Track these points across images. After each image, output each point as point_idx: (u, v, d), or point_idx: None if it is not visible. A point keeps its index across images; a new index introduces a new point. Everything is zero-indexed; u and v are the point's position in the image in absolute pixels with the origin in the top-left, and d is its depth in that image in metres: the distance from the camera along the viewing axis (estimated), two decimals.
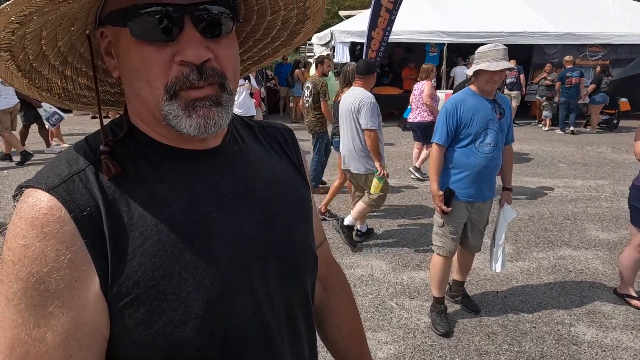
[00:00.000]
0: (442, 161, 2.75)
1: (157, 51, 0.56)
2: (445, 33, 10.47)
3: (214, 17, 0.57)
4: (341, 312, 0.92)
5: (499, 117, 2.72)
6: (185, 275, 0.58)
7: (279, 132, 0.82)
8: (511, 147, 2.91)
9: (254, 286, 0.64)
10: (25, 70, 0.59)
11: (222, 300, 0.60)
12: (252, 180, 0.69)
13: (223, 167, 0.67)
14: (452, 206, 2.71)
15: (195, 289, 0.58)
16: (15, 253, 0.52)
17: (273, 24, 0.72)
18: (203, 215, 0.61)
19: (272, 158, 0.76)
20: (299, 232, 0.72)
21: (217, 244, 0.61)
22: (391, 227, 4.49)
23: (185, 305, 0.57)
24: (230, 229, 0.63)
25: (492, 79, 2.61)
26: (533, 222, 4.66)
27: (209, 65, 0.57)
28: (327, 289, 0.90)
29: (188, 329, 0.57)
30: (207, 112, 0.58)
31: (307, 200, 0.78)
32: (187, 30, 0.56)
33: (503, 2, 12.12)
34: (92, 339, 0.54)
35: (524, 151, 8.04)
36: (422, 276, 3.47)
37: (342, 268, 0.96)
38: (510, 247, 4.00)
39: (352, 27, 10.83)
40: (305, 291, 0.72)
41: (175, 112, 0.57)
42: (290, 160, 0.79)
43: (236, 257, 0.62)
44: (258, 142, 0.77)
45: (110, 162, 0.59)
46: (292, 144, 0.82)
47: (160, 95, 0.57)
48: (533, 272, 3.58)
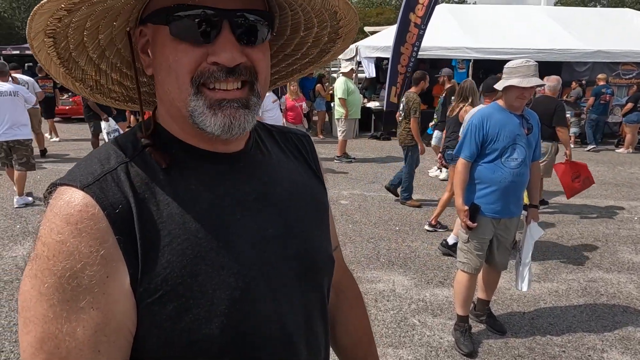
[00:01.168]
0: (467, 176, 2.71)
1: (192, 50, 0.58)
2: (471, 49, 10.40)
3: (251, 24, 0.59)
4: (352, 318, 0.93)
5: (527, 133, 2.67)
6: (212, 273, 0.59)
7: (297, 137, 0.84)
8: (539, 163, 2.85)
9: (274, 287, 0.64)
10: (64, 59, 0.62)
11: (244, 299, 0.61)
12: (273, 184, 0.70)
13: (245, 170, 0.68)
14: (478, 222, 2.66)
15: (220, 288, 0.59)
16: (50, 248, 0.53)
17: (305, 40, 0.73)
18: (225, 216, 0.63)
19: (291, 162, 0.77)
20: (316, 236, 0.73)
21: (239, 245, 0.62)
22: (414, 242, 4.43)
23: (211, 303, 0.58)
24: (251, 230, 0.64)
25: (522, 95, 2.57)
26: (562, 242, 4.51)
27: (242, 65, 0.59)
28: (339, 294, 0.91)
29: (213, 327, 0.58)
30: (234, 113, 0.60)
31: (324, 205, 0.79)
32: (224, 34, 0.58)
33: (531, 19, 12.02)
34: (120, 334, 0.55)
35: None
36: (445, 293, 3.40)
37: (363, 282, 0.96)
38: (538, 266, 3.87)
39: (377, 42, 10.89)
40: (322, 294, 0.74)
41: (200, 109, 0.59)
42: (309, 165, 0.81)
43: (257, 258, 0.63)
44: (278, 146, 0.78)
45: (159, 153, 0.61)
46: (310, 149, 0.84)
47: (187, 90, 0.59)
48: (562, 293, 3.45)
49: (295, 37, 0.73)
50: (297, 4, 0.65)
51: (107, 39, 0.63)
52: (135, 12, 0.62)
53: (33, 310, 0.53)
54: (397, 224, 4.97)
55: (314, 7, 0.65)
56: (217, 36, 0.58)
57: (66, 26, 0.56)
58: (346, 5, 0.64)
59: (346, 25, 0.69)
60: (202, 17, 0.56)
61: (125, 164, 0.61)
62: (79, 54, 0.62)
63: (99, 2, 0.54)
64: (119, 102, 0.74)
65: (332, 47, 0.75)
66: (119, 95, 0.74)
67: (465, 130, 2.75)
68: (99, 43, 0.63)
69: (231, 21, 0.58)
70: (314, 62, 0.78)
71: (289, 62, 0.79)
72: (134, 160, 0.62)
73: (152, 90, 0.74)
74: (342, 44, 0.74)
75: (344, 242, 4.41)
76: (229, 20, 0.58)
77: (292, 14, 0.69)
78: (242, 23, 0.58)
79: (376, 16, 30.70)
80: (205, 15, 0.56)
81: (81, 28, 0.58)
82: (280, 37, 0.73)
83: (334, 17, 0.67)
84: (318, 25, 0.70)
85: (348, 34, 0.72)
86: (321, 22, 0.69)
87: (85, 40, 0.61)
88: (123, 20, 0.61)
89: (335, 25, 0.70)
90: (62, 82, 0.65)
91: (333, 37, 0.73)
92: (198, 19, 0.56)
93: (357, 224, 4.95)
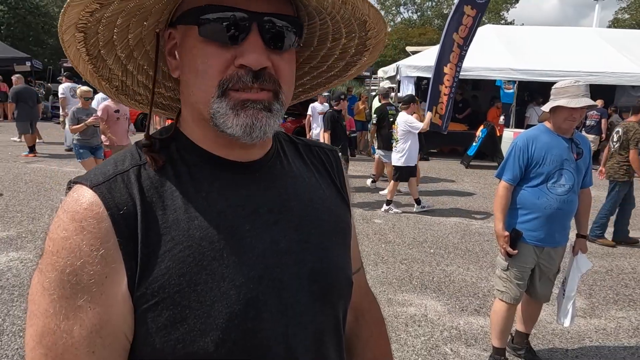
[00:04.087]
0: (509, 200, 2.59)
1: (220, 51, 0.58)
2: (516, 70, 10.14)
3: (279, 29, 0.59)
4: (371, 345, 0.87)
5: (576, 158, 2.52)
6: (211, 284, 0.57)
7: (324, 151, 0.81)
8: (589, 190, 2.68)
9: (282, 305, 0.61)
10: (93, 56, 0.62)
11: (246, 315, 0.58)
12: (289, 197, 0.68)
13: (262, 180, 0.66)
14: (519, 249, 2.52)
15: (220, 300, 0.57)
16: (55, 244, 0.54)
17: (331, 52, 0.72)
18: (236, 227, 0.61)
19: (313, 177, 0.75)
20: (334, 254, 0.69)
21: (247, 257, 0.60)
22: (449, 267, 4.27)
23: (208, 315, 0.56)
24: (263, 243, 0.62)
25: (571, 117, 2.44)
26: (611, 276, 4.21)
27: (267, 72, 0.59)
28: (358, 318, 0.86)
29: (207, 341, 0.56)
30: (256, 114, 0.58)
31: (346, 223, 0.76)
32: (252, 36, 0.57)
33: (581, 40, 11.58)
34: (116, 337, 0.55)
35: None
36: (480, 322, 3.23)
37: (394, 305, 0.90)
38: (584, 301, 3.62)
39: (418, 62, 10.83)
40: (336, 317, 0.69)
41: (223, 111, 0.58)
42: (333, 181, 0.78)
43: (267, 272, 0.61)
44: (301, 159, 0.76)
45: (154, 155, 0.61)
46: (336, 164, 0.81)
47: (212, 92, 0.58)
48: (610, 332, 3.20)
49: (322, 49, 0.72)
50: (326, 12, 0.63)
51: (136, 39, 0.63)
52: (166, 13, 0.62)
53: (37, 304, 0.54)
54: (432, 246, 4.82)
55: (344, 16, 0.63)
56: (245, 38, 0.57)
57: (97, 21, 0.57)
58: (376, 14, 0.62)
59: (375, 37, 0.68)
60: (231, 19, 0.56)
61: (139, 166, 0.61)
62: (108, 52, 0.63)
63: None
64: (142, 106, 0.75)
65: (359, 60, 0.73)
66: (144, 99, 0.74)
67: (509, 151, 2.64)
68: (128, 42, 0.63)
69: (260, 24, 0.57)
70: (339, 76, 0.77)
71: (314, 74, 0.77)
72: (148, 163, 0.61)
73: (176, 96, 0.74)
74: (369, 57, 0.72)
75: (375, 262, 4.31)
76: (257, 23, 0.57)
77: (320, 24, 0.68)
78: (271, 27, 0.58)
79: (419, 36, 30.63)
80: (235, 17, 0.56)
81: (112, 25, 0.59)
82: (307, 48, 0.72)
83: (363, 27, 0.65)
84: (346, 36, 0.68)
85: (376, 46, 0.70)
86: (349, 32, 0.67)
87: (114, 38, 0.61)
88: (153, 20, 0.62)
89: (364, 37, 0.68)
90: (89, 80, 0.66)
91: (360, 50, 0.71)
92: (227, 20, 0.56)
93: (391, 244, 4.83)
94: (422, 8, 39.04)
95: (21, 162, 8.51)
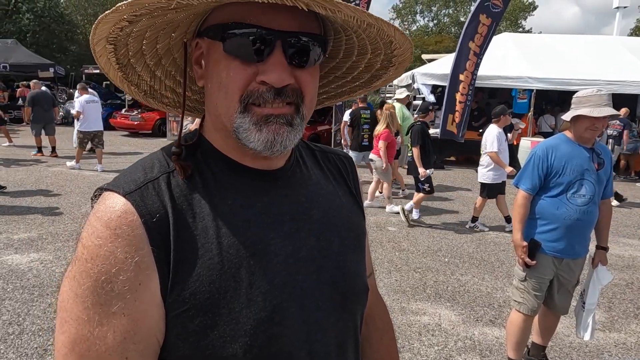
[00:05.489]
0: (527, 209, 2.55)
1: (243, 67, 0.59)
2: (534, 79, 10.01)
3: (303, 46, 0.59)
4: (381, 350, 0.89)
5: (597, 168, 2.48)
6: (240, 291, 0.58)
7: (340, 158, 0.83)
8: (609, 201, 2.63)
9: (306, 311, 0.62)
10: (122, 65, 0.64)
11: (272, 321, 0.59)
12: (310, 205, 0.69)
13: (283, 188, 0.67)
14: (537, 259, 2.48)
15: (248, 306, 0.58)
16: (89, 251, 0.55)
17: (357, 64, 0.73)
18: (260, 235, 0.62)
19: (330, 184, 0.76)
20: (352, 261, 0.71)
21: (272, 264, 0.61)
22: (464, 277, 4.21)
23: (237, 322, 0.57)
24: (285, 250, 0.63)
25: (593, 126, 2.41)
26: (632, 289, 4.10)
27: (290, 87, 0.59)
28: (369, 323, 0.87)
29: (237, 346, 0.57)
30: (278, 129, 0.60)
31: (362, 230, 0.77)
32: (276, 55, 0.58)
33: (601, 49, 11.39)
34: (148, 343, 0.56)
35: (624, 210, 7.26)
36: (495, 334, 3.17)
37: (407, 313, 0.91)
38: (603, 314, 3.54)
39: (434, 69, 10.78)
40: (355, 322, 0.70)
41: (246, 126, 0.59)
42: (349, 188, 0.79)
43: (290, 279, 0.62)
44: (319, 166, 0.77)
45: (182, 164, 0.62)
46: (352, 172, 0.82)
47: (235, 107, 0.59)
48: (631, 347, 3.11)
49: (347, 61, 0.73)
50: (352, 30, 0.64)
51: (164, 48, 0.65)
52: (194, 25, 0.63)
53: (69, 311, 0.55)
54: (446, 255, 4.77)
55: (369, 35, 0.64)
56: (268, 56, 0.58)
57: (127, 35, 0.59)
58: (402, 36, 0.63)
59: (401, 55, 0.68)
60: (256, 36, 0.57)
61: (168, 174, 0.62)
62: (137, 60, 0.65)
63: (160, 15, 0.56)
64: (169, 108, 0.77)
65: (384, 74, 0.74)
66: (170, 101, 0.76)
67: (528, 160, 2.61)
68: (157, 51, 0.65)
69: (284, 42, 0.58)
70: (363, 87, 0.78)
71: (339, 83, 0.78)
72: (176, 171, 0.62)
73: (202, 99, 0.76)
74: (395, 71, 0.73)
75: (389, 270, 4.29)
76: (281, 41, 0.58)
77: (346, 39, 0.68)
78: (295, 44, 0.59)
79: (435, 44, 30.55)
80: (259, 34, 0.57)
81: (141, 37, 0.61)
82: (333, 59, 0.73)
83: (389, 46, 0.66)
84: (372, 52, 0.69)
85: (402, 63, 0.71)
86: (375, 49, 0.68)
87: (144, 48, 0.63)
88: (181, 32, 0.63)
89: (390, 54, 0.69)
90: (119, 85, 0.68)
91: (386, 65, 0.72)
92: (252, 37, 0.57)
93: (404, 252, 4.80)
94: (438, 16, 38.96)
95: (43, 164, 8.72)
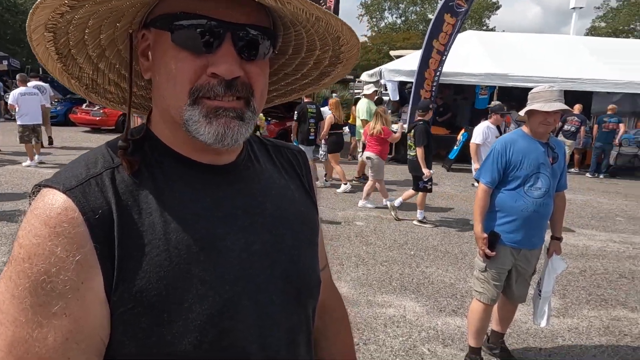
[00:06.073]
0: (487, 202, 2.64)
1: (192, 59, 0.58)
2: (496, 76, 10.33)
3: (253, 39, 0.59)
4: (337, 342, 0.90)
5: (552, 162, 2.59)
6: (189, 287, 0.57)
7: (293, 153, 0.83)
8: (563, 194, 2.75)
9: (258, 305, 0.62)
10: (62, 55, 0.61)
11: (223, 316, 0.58)
12: (263, 199, 0.69)
13: (235, 183, 0.67)
14: (497, 251, 2.57)
15: (198, 302, 0.57)
16: (26, 250, 0.52)
17: (306, 61, 0.74)
18: (211, 230, 0.61)
19: (283, 178, 0.76)
20: (306, 255, 0.71)
21: (224, 259, 0.60)
22: (428, 268, 4.32)
23: (186, 318, 0.56)
24: (238, 245, 0.62)
25: (545, 120, 2.51)
26: (584, 277, 4.32)
27: (239, 81, 0.59)
28: (325, 315, 0.88)
29: (186, 342, 0.56)
30: (228, 123, 0.59)
31: (314, 223, 0.78)
32: (225, 46, 0.58)
33: (561, 48, 11.87)
34: (91, 342, 0.54)
35: (578, 201, 7.61)
36: (458, 323, 3.27)
37: (373, 306, 0.92)
38: (558, 301, 3.71)
39: (401, 66, 10.93)
40: (307, 316, 0.71)
41: (196, 118, 0.58)
42: (301, 182, 0.80)
43: (243, 273, 0.61)
44: (271, 161, 0.77)
45: (129, 159, 0.60)
46: (304, 166, 0.82)
47: (184, 99, 0.58)
48: (582, 331, 3.28)
49: (296, 58, 0.73)
50: (301, 25, 0.65)
51: (108, 39, 0.63)
52: (140, 15, 0.61)
53: (5, 313, 0.52)
54: (412, 248, 4.87)
55: (318, 30, 0.65)
56: (218, 47, 0.57)
57: (68, 22, 0.56)
58: (349, 31, 0.64)
59: (348, 51, 0.69)
60: (205, 28, 0.56)
61: (112, 169, 0.60)
62: (79, 51, 0.62)
63: (104, 1, 0.53)
64: (113, 104, 0.74)
65: (333, 70, 0.75)
66: (114, 97, 0.73)
67: (488, 155, 2.69)
68: (100, 42, 0.63)
69: (233, 34, 0.58)
70: (313, 84, 0.78)
71: (289, 81, 0.78)
72: (121, 166, 0.60)
73: (148, 95, 0.74)
74: (343, 68, 0.74)
75: (356, 264, 4.34)
76: (231, 33, 0.57)
77: (295, 35, 0.69)
78: (244, 37, 0.58)
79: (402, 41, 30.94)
80: (208, 26, 0.56)
81: (83, 26, 0.58)
82: (282, 55, 0.73)
83: (337, 41, 0.67)
84: (320, 48, 0.70)
85: (349, 59, 0.72)
86: (324, 45, 0.69)
87: (86, 38, 0.61)
88: (126, 21, 0.61)
89: (337, 50, 0.69)
90: (58, 77, 0.65)
91: (334, 61, 0.72)
92: (201, 28, 0.56)
93: (371, 246, 4.87)
94: (406, 13, 39.47)
95: None
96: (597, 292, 3.98)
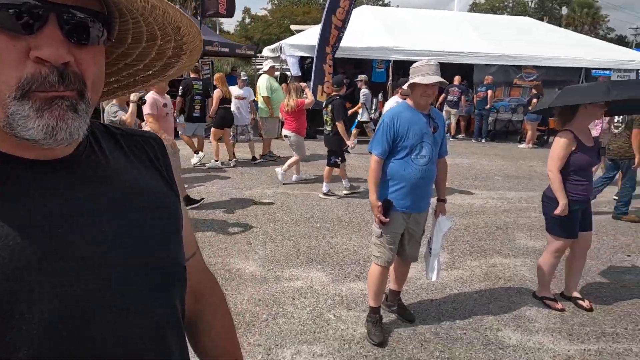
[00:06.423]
0: (380, 172, 2.81)
1: (11, 41, 0.52)
2: (391, 50, 10.85)
3: (82, 22, 0.55)
4: (216, 325, 0.90)
5: (433, 131, 2.82)
6: (31, 293, 0.53)
7: (147, 141, 0.79)
8: (445, 160, 3.03)
9: (117, 302, 0.60)
10: None
11: (74, 318, 0.55)
12: (111, 191, 0.65)
13: (76, 177, 0.63)
14: (390, 217, 2.77)
15: (44, 308, 0.53)
16: None
17: (148, 51, 0.71)
18: (52, 229, 0.57)
19: (135, 169, 0.73)
20: (165, 244, 0.70)
21: (68, 259, 0.57)
22: (334, 238, 4.51)
23: (28, 326, 0.52)
24: (84, 241, 0.59)
25: (425, 93, 2.71)
26: (468, 232, 4.86)
27: (70, 70, 0.55)
28: (200, 300, 0.88)
29: (31, 352, 0.52)
30: (62, 115, 0.55)
31: (175, 211, 0.76)
32: (49, 28, 0.53)
33: (448, 22, 12.83)
34: None
35: (464, 165, 8.43)
36: (361, 287, 3.50)
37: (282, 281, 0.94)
38: (447, 256, 4.14)
39: (302, 41, 10.94)
40: (174, 305, 0.69)
41: (25, 113, 0.53)
42: (158, 170, 0.77)
43: (94, 270, 0.58)
44: (121, 150, 0.74)
45: None
46: (161, 153, 0.80)
47: (9, 91, 0.53)
48: (466, 280, 3.72)
49: (137, 47, 0.70)
50: (138, 13, 0.62)
51: None
52: None
53: None
54: (318, 221, 5.04)
55: (156, 19, 0.62)
56: (41, 29, 0.53)
57: None
58: (189, 22, 0.63)
59: (190, 42, 0.68)
60: (23, 7, 0.51)
61: None
62: None
63: None
64: None
65: (177, 62, 0.74)
66: None
67: (378, 127, 2.85)
68: None
69: (59, 15, 0.53)
70: (157, 75, 0.76)
71: (131, 71, 0.75)
72: None
73: None
74: (187, 60, 0.73)
75: (264, 242, 4.38)
76: (56, 14, 0.53)
77: (133, 23, 0.65)
78: (71, 19, 0.54)
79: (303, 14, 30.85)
80: (27, 6, 0.51)
81: None
82: (121, 44, 0.70)
83: (178, 32, 0.66)
84: (161, 38, 0.68)
85: (193, 50, 0.71)
86: (164, 35, 0.67)
87: None
88: None
89: (180, 41, 0.68)
90: None
91: (177, 52, 0.71)
92: (17, 7, 0.51)
93: (279, 223, 4.94)
94: None
95: None
96: (478, 244, 4.52)
